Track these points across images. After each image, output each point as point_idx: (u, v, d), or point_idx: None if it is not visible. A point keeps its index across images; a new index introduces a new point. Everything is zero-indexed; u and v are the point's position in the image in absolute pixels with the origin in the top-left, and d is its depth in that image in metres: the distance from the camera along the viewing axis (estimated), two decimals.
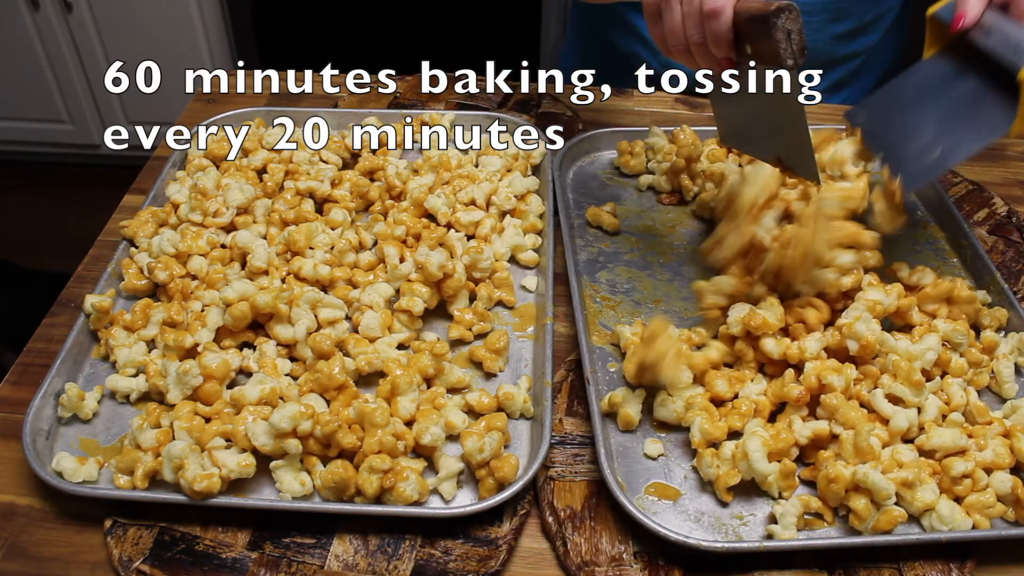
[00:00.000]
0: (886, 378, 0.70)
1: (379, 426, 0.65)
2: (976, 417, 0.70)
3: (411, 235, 0.84)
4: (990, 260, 0.83)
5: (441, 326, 0.80)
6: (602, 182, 0.98)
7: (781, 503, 0.64)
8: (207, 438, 0.65)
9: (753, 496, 0.66)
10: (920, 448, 0.67)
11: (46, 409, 0.69)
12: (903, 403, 0.69)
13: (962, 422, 0.68)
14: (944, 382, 0.72)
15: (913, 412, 0.68)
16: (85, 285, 0.84)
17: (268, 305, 0.73)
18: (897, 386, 0.69)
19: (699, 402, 0.69)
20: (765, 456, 0.64)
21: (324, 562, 0.62)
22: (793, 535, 0.62)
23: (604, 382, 0.74)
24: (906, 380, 0.68)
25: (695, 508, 0.65)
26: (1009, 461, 0.66)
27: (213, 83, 1.15)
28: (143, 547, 0.62)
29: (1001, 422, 0.69)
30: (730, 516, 0.65)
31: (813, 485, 0.66)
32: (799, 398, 0.68)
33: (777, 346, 0.71)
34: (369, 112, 1.03)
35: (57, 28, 2.25)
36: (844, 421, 0.67)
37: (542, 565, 0.63)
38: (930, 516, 0.63)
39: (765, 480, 0.64)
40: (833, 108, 1.10)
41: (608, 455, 0.66)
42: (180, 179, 0.92)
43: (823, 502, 0.64)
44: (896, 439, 0.67)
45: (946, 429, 0.67)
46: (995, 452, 0.66)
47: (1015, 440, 0.66)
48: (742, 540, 0.63)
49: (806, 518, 0.64)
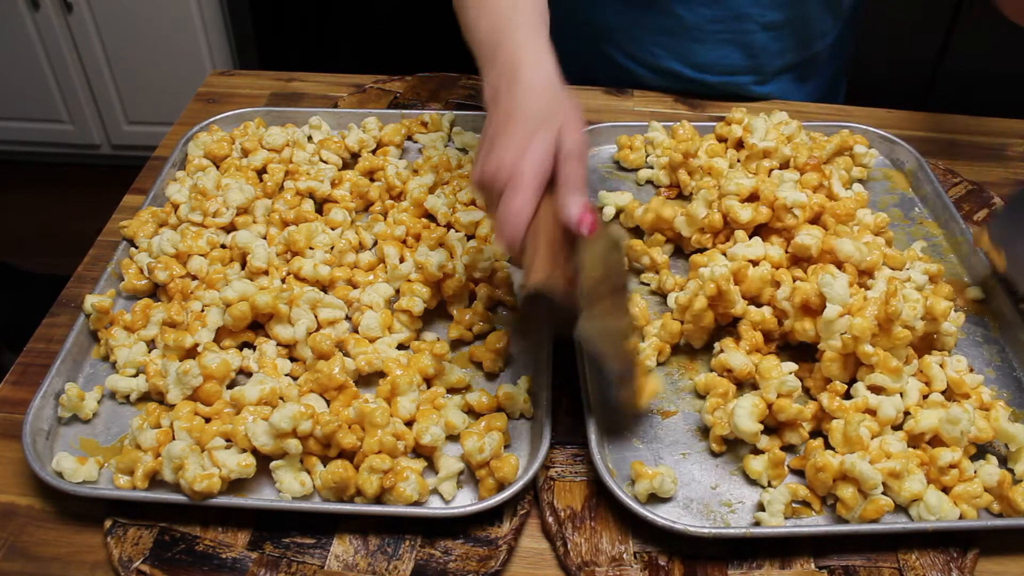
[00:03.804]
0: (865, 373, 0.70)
1: (379, 426, 0.65)
2: (955, 391, 0.70)
3: (411, 235, 0.84)
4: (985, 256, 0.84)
5: (441, 326, 0.80)
6: (602, 176, 0.98)
7: (769, 491, 0.64)
8: (207, 438, 0.65)
9: (743, 486, 0.67)
10: (909, 433, 0.67)
11: (46, 409, 0.69)
12: (885, 391, 0.69)
13: (942, 401, 0.69)
14: (922, 362, 0.72)
15: (897, 399, 0.68)
16: (85, 285, 0.84)
17: (268, 305, 0.73)
18: (878, 376, 0.69)
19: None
20: (750, 416, 0.65)
21: (324, 562, 0.62)
22: (780, 522, 0.63)
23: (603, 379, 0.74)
24: (885, 368, 0.69)
25: (684, 496, 0.66)
26: (989, 435, 0.67)
27: (213, 83, 1.15)
28: (143, 547, 0.62)
29: (977, 394, 0.70)
30: (719, 504, 0.65)
31: (802, 474, 0.66)
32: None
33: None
34: (369, 112, 1.03)
35: (57, 28, 2.25)
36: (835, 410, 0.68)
37: (542, 565, 0.63)
38: (918, 506, 0.64)
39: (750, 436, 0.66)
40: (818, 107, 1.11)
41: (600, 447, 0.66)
42: (180, 179, 0.92)
43: (811, 491, 0.65)
44: (886, 428, 0.67)
45: (931, 411, 0.67)
46: (977, 428, 0.67)
47: (993, 412, 0.68)
48: (729, 526, 0.63)
49: (794, 506, 0.65)
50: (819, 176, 0.87)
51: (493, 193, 0.61)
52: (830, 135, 0.98)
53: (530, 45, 0.67)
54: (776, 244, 0.81)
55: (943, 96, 2.04)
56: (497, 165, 0.60)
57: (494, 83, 0.66)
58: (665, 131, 0.99)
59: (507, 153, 0.60)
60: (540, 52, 0.67)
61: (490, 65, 0.68)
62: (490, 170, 0.61)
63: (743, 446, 0.69)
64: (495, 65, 0.67)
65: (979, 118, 1.10)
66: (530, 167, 0.60)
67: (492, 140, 0.62)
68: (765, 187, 0.82)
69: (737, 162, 0.95)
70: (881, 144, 1.01)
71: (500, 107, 0.64)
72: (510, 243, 0.60)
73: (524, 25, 0.69)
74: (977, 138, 1.07)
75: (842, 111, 1.10)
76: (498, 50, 0.68)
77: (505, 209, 0.59)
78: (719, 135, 0.98)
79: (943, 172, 0.99)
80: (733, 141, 0.96)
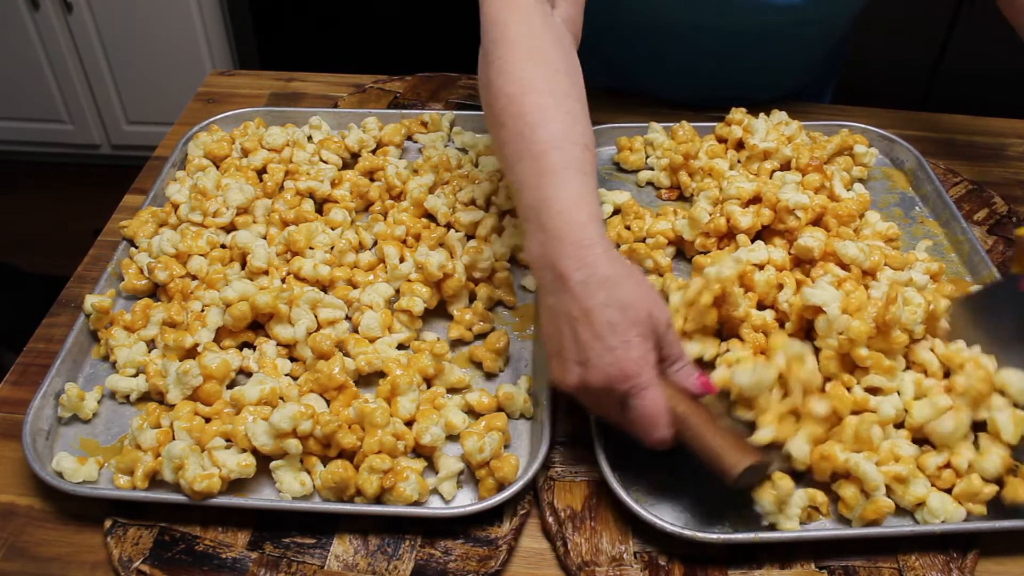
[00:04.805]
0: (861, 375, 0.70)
1: (379, 426, 0.65)
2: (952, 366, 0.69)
3: (411, 235, 0.84)
4: (986, 255, 0.84)
5: (441, 326, 0.80)
6: (602, 178, 0.98)
7: None
8: (207, 438, 0.65)
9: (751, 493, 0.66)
10: (911, 430, 0.67)
11: (46, 409, 0.69)
12: (882, 391, 0.69)
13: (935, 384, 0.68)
14: (912, 353, 0.71)
15: (895, 397, 0.68)
16: (85, 285, 0.84)
17: (268, 305, 0.73)
18: (874, 377, 0.69)
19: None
20: (749, 371, 0.63)
21: (324, 562, 0.62)
22: (795, 526, 0.63)
23: None
24: (879, 368, 0.68)
25: (692, 502, 0.65)
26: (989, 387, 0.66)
27: (213, 83, 1.15)
28: (143, 547, 0.62)
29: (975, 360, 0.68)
30: (727, 509, 0.65)
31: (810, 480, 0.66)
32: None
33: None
34: (369, 112, 1.03)
35: (57, 28, 2.25)
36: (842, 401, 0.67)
37: (542, 565, 0.63)
38: (923, 510, 0.64)
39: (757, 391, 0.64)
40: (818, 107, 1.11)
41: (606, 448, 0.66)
42: (180, 179, 0.92)
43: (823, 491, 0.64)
44: (888, 428, 0.67)
45: (924, 402, 0.67)
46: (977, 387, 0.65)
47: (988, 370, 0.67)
48: (738, 531, 0.63)
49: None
50: (821, 177, 0.87)
51: (614, 395, 0.59)
52: (830, 135, 0.98)
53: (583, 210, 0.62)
54: (779, 247, 0.81)
55: (943, 96, 2.04)
56: (605, 380, 0.58)
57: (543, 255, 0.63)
58: (665, 132, 0.99)
59: (607, 365, 0.58)
60: (592, 217, 0.62)
61: (535, 226, 0.64)
62: (599, 384, 0.59)
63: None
64: (542, 230, 0.63)
65: (979, 118, 1.10)
66: (646, 364, 0.59)
67: (577, 346, 0.60)
68: (767, 189, 0.82)
69: (738, 163, 0.95)
70: (881, 143, 1.01)
71: (565, 299, 0.60)
72: (663, 440, 0.60)
73: (562, 168, 0.64)
74: (977, 138, 1.07)
75: (842, 111, 1.10)
76: (542, 212, 0.63)
77: (643, 412, 0.59)
78: (719, 136, 0.98)
79: (943, 172, 0.99)
80: (733, 142, 0.96)
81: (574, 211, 0.62)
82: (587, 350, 0.59)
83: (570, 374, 0.61)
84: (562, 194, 0.63)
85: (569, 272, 0.60)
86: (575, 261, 0.60)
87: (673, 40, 1.02)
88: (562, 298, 0.61)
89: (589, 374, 0.59)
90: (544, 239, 0.63)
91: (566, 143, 0.65)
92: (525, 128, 0.66)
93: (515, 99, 0.67)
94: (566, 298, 0.60)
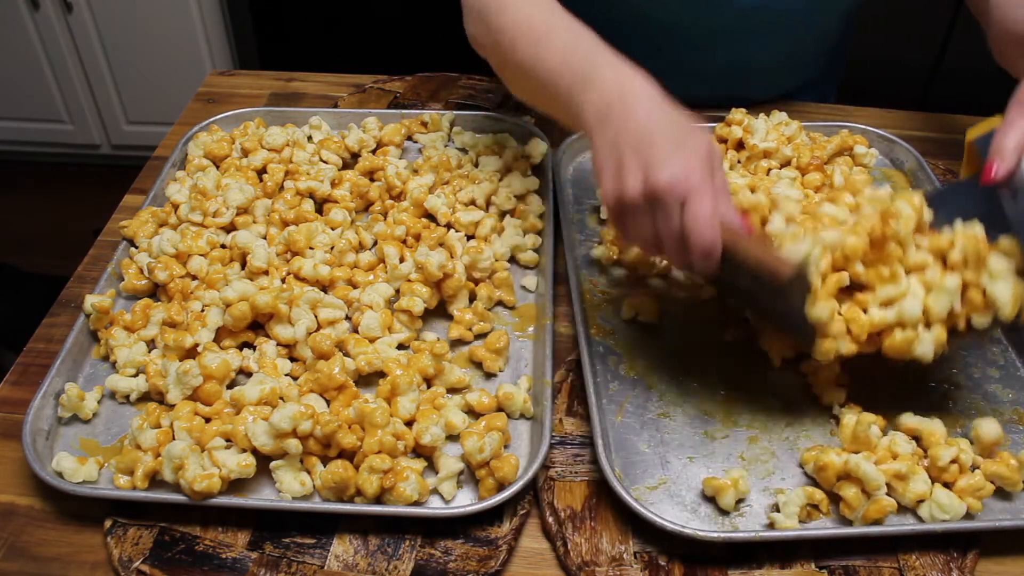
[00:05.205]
0: None
1: (379, 426, 0.65)
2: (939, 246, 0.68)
3: (411, 235, 0.84)
4: None
5: (441, 326, 0.80)
6: None
7: (785, 492, 0.64)
8: (207, 438, 0.65)
9: (752, 490, 0.66)
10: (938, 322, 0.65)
11: (46, 409, 0.69)
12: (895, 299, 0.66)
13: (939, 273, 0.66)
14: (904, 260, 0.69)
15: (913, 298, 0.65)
16: (85, 285, 0.84)
17: (268, 305, 0.73)
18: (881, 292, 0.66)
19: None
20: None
21: (324, 562, 0.62)
22: (794, 525, 0.63)
23: (604, 379, 0.74)
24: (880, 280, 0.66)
25: (692, 500, 0.66)
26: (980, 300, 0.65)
27: (213, 83, 1.15)
28: (143, 547, 0.62)
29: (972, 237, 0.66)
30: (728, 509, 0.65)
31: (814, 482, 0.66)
32: None
33: None
34: (369, 112, 1.03)
35: (57, 28, 2.25)
36: None
37: (542, 565, 0.63)
38: (929, 505, 0.64)
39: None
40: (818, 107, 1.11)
41: (606, 447, 0.66)
42: (180, 179, 0.92)
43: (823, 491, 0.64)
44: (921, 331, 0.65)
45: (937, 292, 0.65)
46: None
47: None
48: (739, 530, 0.63)
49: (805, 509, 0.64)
50: (821, 176, 0.87)
51: (671, 199, 0.60)
52: (830, 135, 0.98)
53: (624, 64, 0.68)
54: None
55: (943, 96, 2.04)
56: (670, 178, 0.60)
57: (602, 104, 0.66)
58: None
59: (673, 165, 0.60)
60: (635, 70, 0.67)
61: (585, 89, 0.68)
62: (663, 183, 0.60)
63: (751, 445, 0.68)
64: (594, 87, 0.67)
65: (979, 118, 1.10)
66: (708, 171, 0.61)
67: (640, 156, 0.62)
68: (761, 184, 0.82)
69: (738, 163, 0.95)
70: (881, 144, 1.01)
71: (629, 126, 0.63)
72: (711, 247, 0.60)
73: (603, 47, 0.70)
74: None
75: (842, 111, 1.10)
76: (591, 75, 0.68)
77: (695, 218, 0.60)
78: (719, 136, 0.98)
79: (943, 172, 0.99)
80: (733, 142, 0.96)
81: (623, 61, 0.68)
82: (654, 154, 0.61)
83: (631, 180, 0.62)
84: (606, 51, 0.69)
85: (638, 98, 0.64)
86: (642, 90, 0.65)
87: (672, 40, 1.02)
88: (627, 125, 0.63)
89: (654, 174, 0.60)
90: (602, 86, 0.66)
91: (583, 27, 0.73)
92: (540, 26, 0.73)
93: (520, 23, 0.74)
94: (631, 124, 0.63)
